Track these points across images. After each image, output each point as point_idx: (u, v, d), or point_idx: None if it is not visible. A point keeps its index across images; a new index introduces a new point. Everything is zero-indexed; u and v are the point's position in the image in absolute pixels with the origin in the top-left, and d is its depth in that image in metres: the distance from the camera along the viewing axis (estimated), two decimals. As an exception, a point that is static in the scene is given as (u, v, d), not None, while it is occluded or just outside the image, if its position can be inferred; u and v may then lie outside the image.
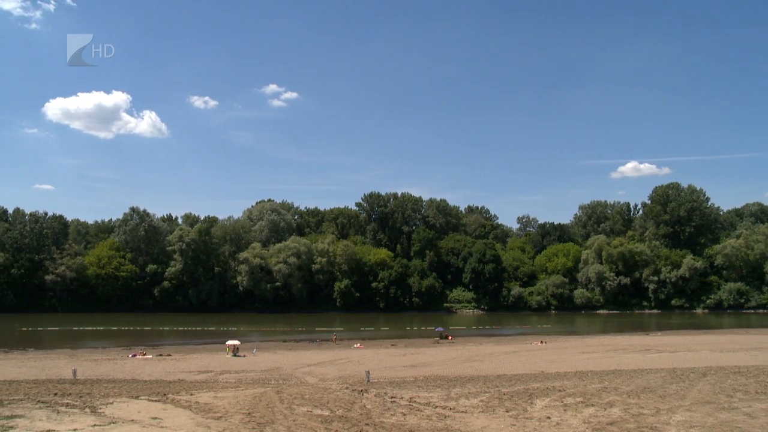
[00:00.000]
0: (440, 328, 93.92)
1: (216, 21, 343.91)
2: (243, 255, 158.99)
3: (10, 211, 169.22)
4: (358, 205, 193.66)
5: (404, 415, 21.53)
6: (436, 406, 23.57)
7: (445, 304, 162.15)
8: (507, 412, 22.35)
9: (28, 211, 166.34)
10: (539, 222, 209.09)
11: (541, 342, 78.40)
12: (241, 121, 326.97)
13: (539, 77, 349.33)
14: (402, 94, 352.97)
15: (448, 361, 54.38)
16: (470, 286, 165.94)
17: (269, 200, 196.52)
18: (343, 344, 78.31)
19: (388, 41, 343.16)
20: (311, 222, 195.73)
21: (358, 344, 76.81)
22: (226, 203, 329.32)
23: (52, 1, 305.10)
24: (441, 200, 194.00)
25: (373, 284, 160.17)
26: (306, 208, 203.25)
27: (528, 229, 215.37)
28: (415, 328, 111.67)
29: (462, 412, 22.48)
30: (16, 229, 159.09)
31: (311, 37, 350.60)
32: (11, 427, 17.20)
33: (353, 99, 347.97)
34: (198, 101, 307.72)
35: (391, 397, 26.19)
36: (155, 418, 19.75)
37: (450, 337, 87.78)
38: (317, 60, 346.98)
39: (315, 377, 40.60)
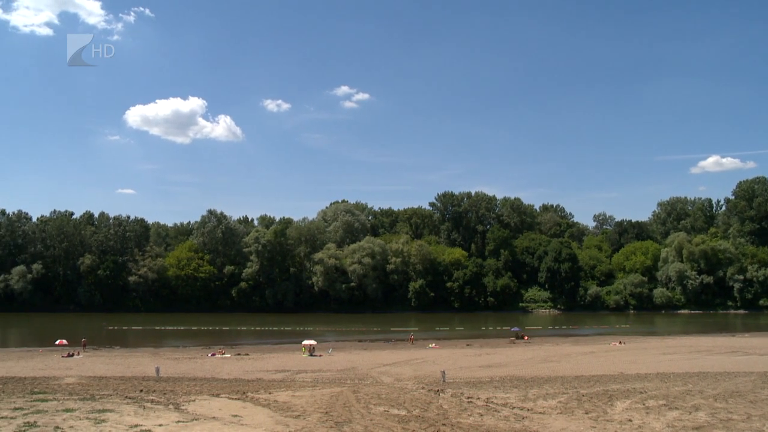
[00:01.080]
0: (516, 328, 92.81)
1: (287, 25, 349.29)
2: (318, 256, 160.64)
3: (96, 215, 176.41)
4: (431, 204, 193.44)
5: (481, 415, 21.35)
6: (514, 407, 23.30)
7: (520, 304, 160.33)
8: (586, 413, 21.92)
9: (112, 214, 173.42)
10: (616, 220, 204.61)
11: (620, 342, 76.52)
12: (313, 123, 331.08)
13: (615, 71, 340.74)
14: (474, 92, 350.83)
15: (525, 361, 53.70)
16: (546, 286, 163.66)
17: (343, 201, 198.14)
18: (418, 344, 78.14)
19: (459, 39, 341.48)
20: (385, 222, 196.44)
21: (433, 344, 76.59)
22: (301, 204, 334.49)
23: (132, 13, 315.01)
24: (515, 199, 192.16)
25: (448, 284, 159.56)
26: (380, 208, 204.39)
27: (605, 227, 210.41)
28: (491, 328, 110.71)
29: (540, 413, 22.16)
30: (102, 232, 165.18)
31: (382, 38, 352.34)
32: (103, 420, 17.81)
33: (424, 98, 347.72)
34: (271, 104, 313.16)
35: (468, 398, 26.01)
36: (235, 416, 20.10)
37: (526, 337, 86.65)
38: (388, 60, 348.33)
39: (390, 377, 40.62)
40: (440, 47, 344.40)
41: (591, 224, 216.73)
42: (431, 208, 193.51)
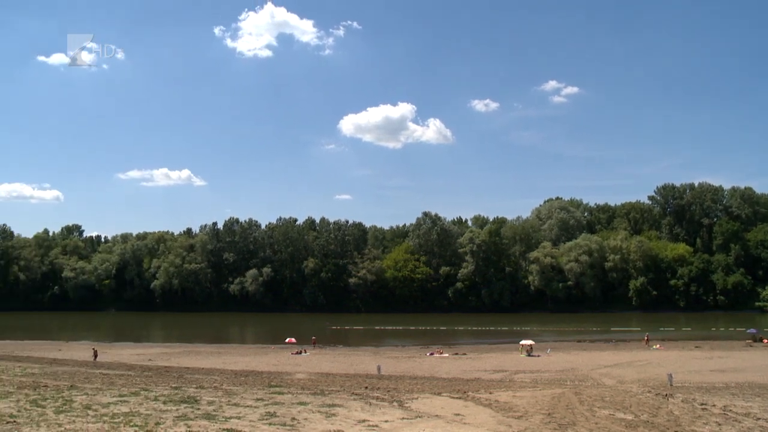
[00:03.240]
0: (753, 330, 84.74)
1: (490, 23, 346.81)
2: (533, 254, 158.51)
3: (317, 220, 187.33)
4: (650, 198, 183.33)
5: (719, 425, 19.78)
6: (758, 418, 21.27)
7: (756, 303, 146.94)
8: None
9: (331, 220, 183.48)
10: None
11: None
12: (522, 121, 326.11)
13: None
14: (687, 78, 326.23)
15: (766, 366, 49.23)
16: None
17: (557, 198, 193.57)
18: (640, 345, 74.47)
19: (667, 24, 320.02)
20: (601, 218, 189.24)
21: (658, 345, 72.57)
22: (513, 203, 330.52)
23: (342, 28, 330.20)
24: (746, 188, 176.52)
25: (672, 282, 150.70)
26: (595, 204, 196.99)
27: None
28: (722, 328, 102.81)
29: (792, 426, 20.09)
30: (323, 236, 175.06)
31: (586, 28, 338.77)
32: (333, 415, 18.68)
33: (634, 88, 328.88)
34: (479, 105, 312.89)
35: (701, 404, 24.28)
36: (457, 415, 20.23)
37: (765, 341, 78.96)
38: (595, 51, 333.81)
39: (612, 379, 39.11)
40: (646, 34, 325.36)
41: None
42: (650, 202, 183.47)
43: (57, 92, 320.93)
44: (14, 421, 16.06)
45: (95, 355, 57.57)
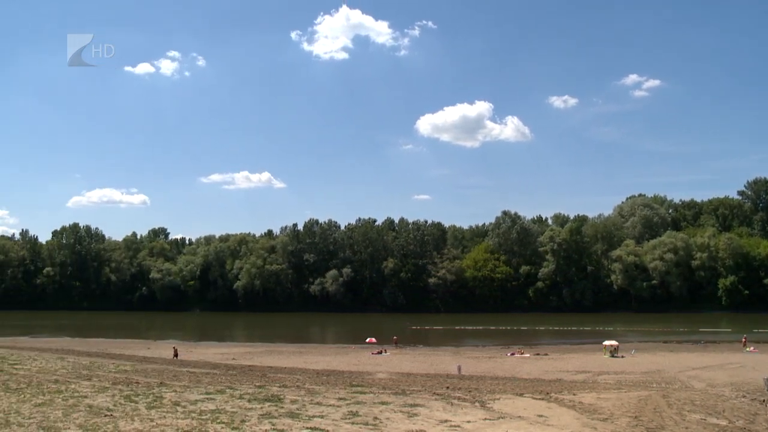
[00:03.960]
0: None
1: (566, 17, 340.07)
2: (616, 253, 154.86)
3: (396, 221, 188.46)
4: (740, 193, 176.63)
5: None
6: None
7: None
8: None
9: (410, 220, 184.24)
10: None
11: None
12: (602, 117, 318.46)
13: None
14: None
15: None
16: None
17: (640, 195, 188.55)
18: (732, 347, 71.81)
19: (749, 13, 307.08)
20: (687, 215, 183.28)
21: (752, 347, 69.74)
22: (594, 200, 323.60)
23: (417, 28, 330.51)
24: None
25: (766, 280, 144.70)
26: (680, 200, 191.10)
27: None
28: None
29: None
30: (402, 237, 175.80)
31: (666, 19, 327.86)
32: (415, 414, 18.74)
33: (721, 79, 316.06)
34: (557, 101, 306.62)
35: (802, 411, 23.23)
36: (541, 416, 19.93)
37: None
38: (677, 42, 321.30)
39: (702, 382, 37.89)
40: (730, 21, 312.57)
41: None
42: (740, 197, 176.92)
43: (142, 100, 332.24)
44: (111, 415, 16.78)
45: (175, 354, 59.39)
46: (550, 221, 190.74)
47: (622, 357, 60.68)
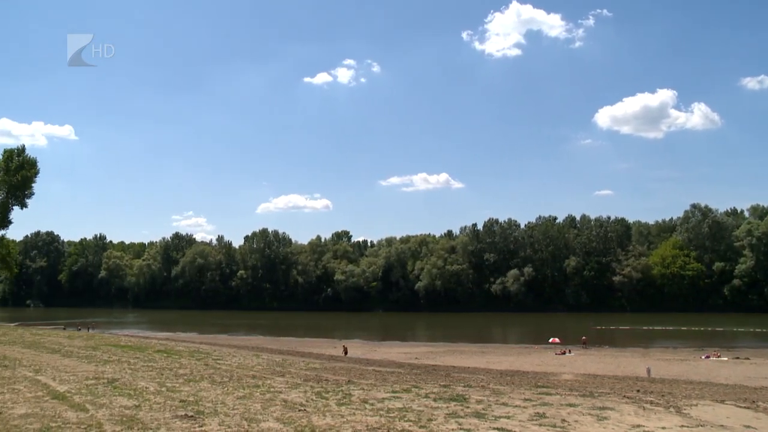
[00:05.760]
0: None
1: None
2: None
3: (577, 218, 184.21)
4: None
5: None
6: None
7: None
8: None
9: (592, 216, 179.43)
10: None
11: None
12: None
13: None
14: None
15: None
16: None
17: None
18: None
19: None
20: None
21: None
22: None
23: (591, 17, 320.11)
24: None
25: None
26: None
27: None
28: None
29: None
30: (584, 234, 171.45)
31: None
32: (605, 418, 18.24)
33: None
34: (751, 82, 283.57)
35: None
36: (747, 427, 18.68)
37: None
38: None
39: None
40: None
41: None
42: None
43: (322, 109, 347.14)
44: (304, 410, 17.65)
45: (345, 352, 61.08)
46: (746, 213, 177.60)
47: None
